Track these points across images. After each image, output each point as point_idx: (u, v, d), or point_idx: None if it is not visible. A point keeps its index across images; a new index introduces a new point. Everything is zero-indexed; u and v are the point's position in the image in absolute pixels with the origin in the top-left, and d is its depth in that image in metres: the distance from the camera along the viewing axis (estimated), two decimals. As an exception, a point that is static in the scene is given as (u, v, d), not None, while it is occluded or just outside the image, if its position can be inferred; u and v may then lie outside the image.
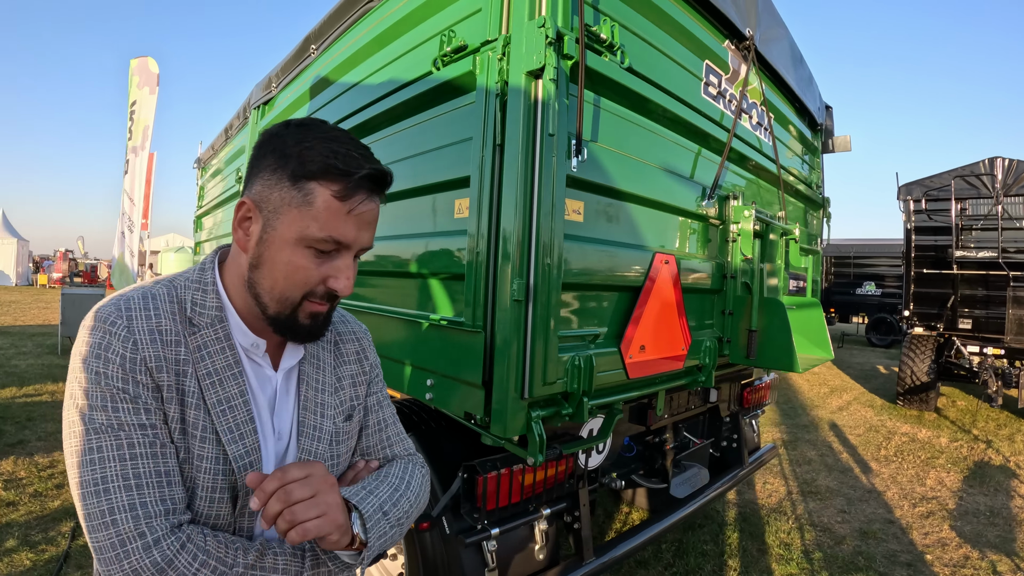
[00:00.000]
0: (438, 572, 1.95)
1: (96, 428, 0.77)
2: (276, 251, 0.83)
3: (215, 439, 0.84)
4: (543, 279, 1.56)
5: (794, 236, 2.91)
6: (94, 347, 0.79)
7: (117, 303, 0.82)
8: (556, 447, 1.81)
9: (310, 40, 3.14)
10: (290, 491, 0.78)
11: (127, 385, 0.79)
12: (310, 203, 0.81)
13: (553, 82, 1.55)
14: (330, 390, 1.00)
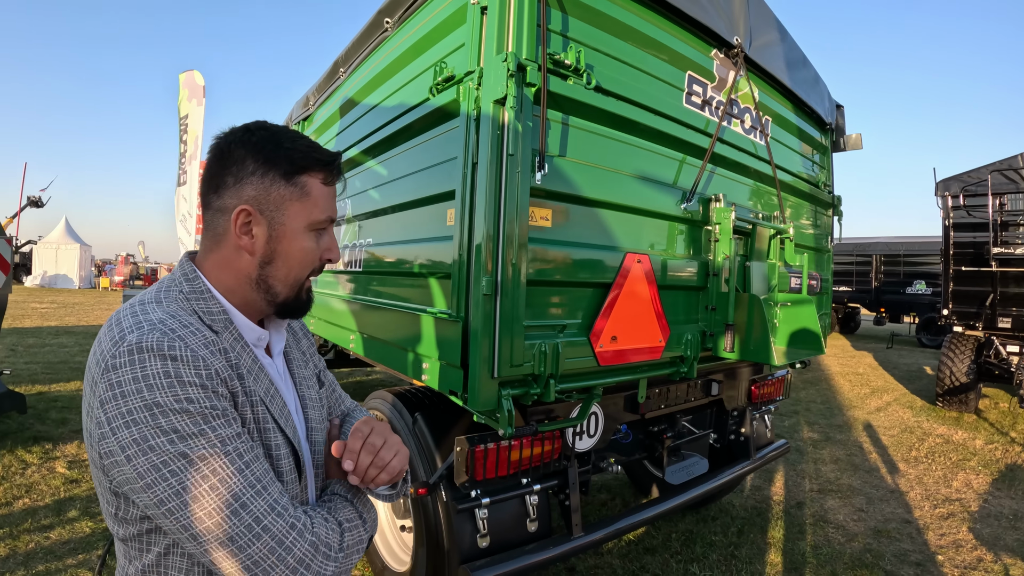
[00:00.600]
0: (439, 536, 2.23)
1: (202, 455, 0.77)
2: (289, 243, 0.93)
3: (277, 427, 0.92)
4: (509, 277, 1.82)
5: (788, 235, 3.05)
6: (156, 377, 0.78)
7: (156, 329, 0.82)
8: (532, 424, 2.07)
9: (339, 64, 3.56)
10: (373, 442, 0.95)
11: (214, 402, 0.81)
12: (308, 193, 0.93)
13: (513, 109, 1.81)
14: (304, 364, 1.12)
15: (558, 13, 2.10)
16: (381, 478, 0.95)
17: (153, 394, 0.77)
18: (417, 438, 2.37)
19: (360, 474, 0.94)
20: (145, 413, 0.76)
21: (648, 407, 2.58)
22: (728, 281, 2.65)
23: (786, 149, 3.50)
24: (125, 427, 0.76)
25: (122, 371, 0.78)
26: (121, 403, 0.77)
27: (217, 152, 0.94)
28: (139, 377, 0.77)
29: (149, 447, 0.76)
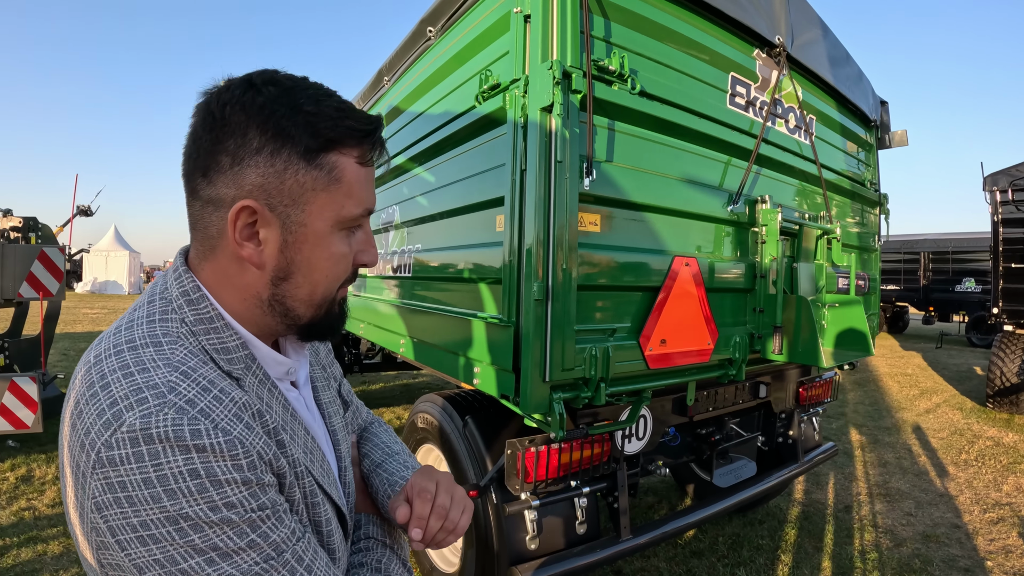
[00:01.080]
0: (488, 537, 2.26)
1: (255, 574, 0.59)
2: (312, 250, 0.69)
3: (324, 496, 0.74)
4: (560, 282, 1.85)
5: (835, 235, 3.01)
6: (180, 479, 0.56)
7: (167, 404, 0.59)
8: (583, 427, 2.09)
9: (383, 72, 3.65)
10: (443, 504, 0.82)
11: (261, 499, 0.61)
12: (339, 179, 0.68)
13: (560, 116, 1.84)
14: (327, 384, 0.93)
15: (600, 19, 2.12)
16: (449, 540, 0.83)
17: (178, 503, 0.56)
18: (467, 441, 2.41)
19: (428, 541, 0.82)
20: (169, 528, 0.56)
21: (696, 410, 2.57)
22: (776, 283, 2.63)
23: (831, 148, 3.44)
24: (140, 544, 0.56)
25: (124, 468, 0.56)
26: (130, 512, 0.56)
27: (207, 117, 0.66)
28: (152, 480, 0.56)
29: (181, 571, 0.56)
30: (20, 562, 3.08)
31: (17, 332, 5.58)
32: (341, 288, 0.75)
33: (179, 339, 0.66)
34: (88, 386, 0.62)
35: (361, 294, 4.14)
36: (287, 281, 0.70)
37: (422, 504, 0.81)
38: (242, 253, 0.67)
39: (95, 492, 0.57)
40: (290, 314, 0.72)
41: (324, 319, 0.74)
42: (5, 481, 4.15)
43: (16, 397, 4.39)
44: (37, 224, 5.15)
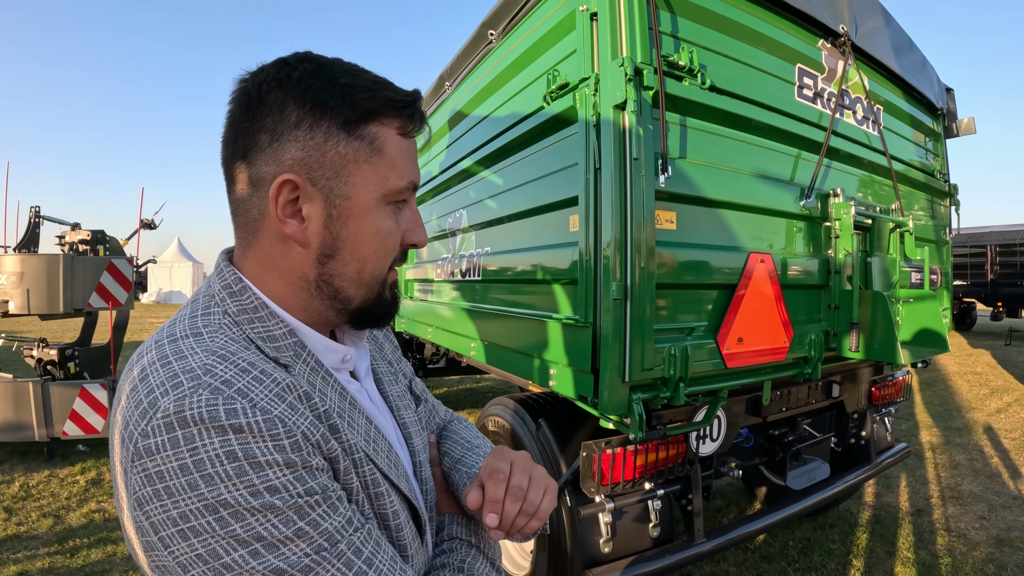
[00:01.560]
0: (560, 540, 2.24)
1: (306, 566, 0.54)
2: (358, 224, 0.66)
3: (391, 487, 0.69)
4: (638, 281, 1.82)
5: (908, 228, 2.90)
6: (218, 462, 0.53)
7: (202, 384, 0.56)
8: (660, 428, 2.05)
9: (444, 77, 3.69)
10: (519, 485, 0.74)
11: (308, 483, 0.56)
12: (380, 150, 0.66)
13: (634, 113, 1.82)
14: (394, 379, 0.88)
15: (667, 14, 2.09)
16: (531, 526, 0.75)
17: (216, 489, 0.52)
18: (541, 444, 2.39)
19: (506, 527, 0.73)
20: (209, 518, 0.52)
21: (770, 410, 2.50)
22: (851, 278, 2.55)
23: (899, 138, 3.33)
24: (182, 538, 0.52)
25: (161, 456, 0.53)
26: (169, 504, 0.52)
27: (243, 99, 0.65)
28: (188, 466, 0.52)
29: (224, 566, 0.52)
30: (90, 562, 3.20)
31: (87, 341, 5.81)
32: (390, 270, 0.72)
33: (221, 329, 0.64)
34: (130, 383, 0.60)
35: (428, 298, 4.16)
36: (334, 259, 0.67)
37: (494, 486, 0.73)
38: (285, 231, 0.65)
39: (135, 487, 0.54)
40: (339, 295, 0.69)
41: (375, 303, 0.71)
42: (76, 484, 4.32)
43: (86, 403, 4.58)
44: (105, 237, 5.37)
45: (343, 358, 0.73)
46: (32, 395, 4.56)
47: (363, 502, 0.64)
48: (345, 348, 0.74)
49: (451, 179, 3.54)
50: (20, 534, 3.51)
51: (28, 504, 3.94)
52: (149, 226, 6.06)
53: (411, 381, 0.97)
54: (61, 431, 4.62)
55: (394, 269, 0.73)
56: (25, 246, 5.29)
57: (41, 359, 5.18)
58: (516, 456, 0.79)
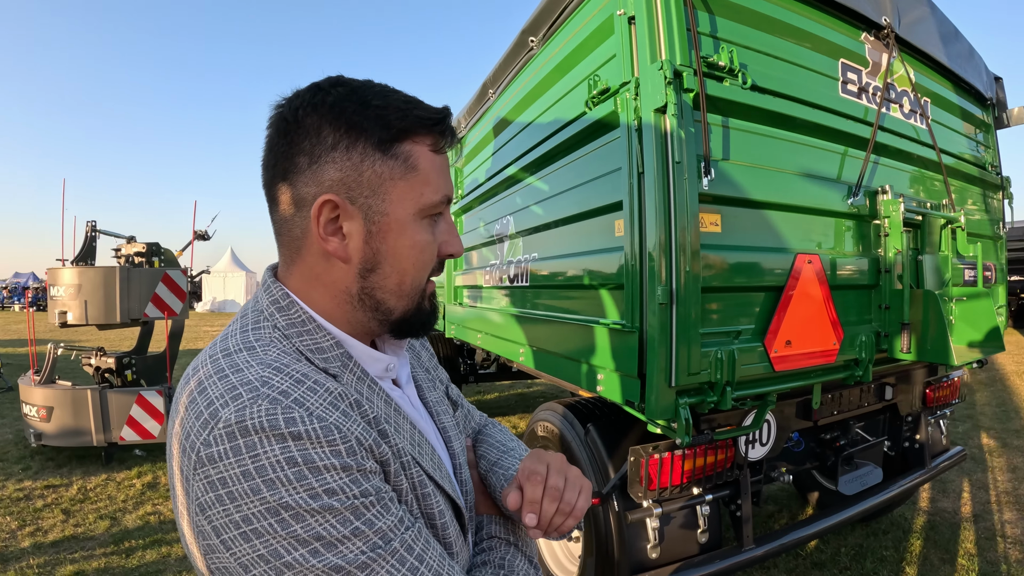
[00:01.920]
0: (608, 545, 2.24)
1: (363, 563, 0.57)
2: (396, 238, 0.69)
3: (436, 486, 0.72)
4: (683, 285, 1.81)
5: (960, 224, 2.81)
6: (278, 467, 0.56)
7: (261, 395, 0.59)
8: (708, 432, 2.03)
9: (487, 85, 3.72)
10: (556, 486, 0.77)
11: (363, 485, 0.60)
12: (415, 167, 0.69)
13: (675, 117, 1.81)
14: (432, 385, 0.92)
15: (705, 15, 2.07)
16: (567, 525, 0.78)
17: (277, 493, 0.55)
18: (589, 449, 2.39)
19: (544, 526, 0.77)
20: (271, 520, 0.55)
21: (821, 413, 2.45)
22: (901, 277, 2.48)
23: (948, 131, 3.22)
24: (244, 540, 0.56)
25: (223, 464, 0.56)
26: (231, 508, 0.56)
27: (280, 124, 0.69)
28: (251, 471, 0.56)
29: (285, 565, 0.55)
30: (145, 563, 3.32)
31: (143, 349, 6.02)
32: (428, 281, 0.75)
33: (272, 342, 0.67)
34: (188, 395, 0.63)
35: (478, 304, 4.20)
36: (375, 272, 0.70)
37: (533, 487, 0.77)
38: (328, 248, 0.68)
39: (198, 493, 0.58)
40: (381, 307, 0.72)
41: (415, 313, 0.74)
42: (132, 487, 4.48)
43: (143, 409, 4.76)
44: (159, 249, 5.55)
45: (387, 367, 0.76)
46: (90, 402, 4.75)
47: (412, 503, 0.67)
48: (388, 357, 0.77)
49: (498, 186, 3.56)
50: (77, 535, 3.66)
51: (85, 506, 4.11)
52: (202, 237, 6.25)
53: (447, 387, 1.00)
54: (118, 436, 4.81)
55: (432, 280, 0.76)
56: (82, 259, 5.50)
57: (99, 367, 5.38)
58: (552, 458, 0.82)
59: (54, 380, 5.17)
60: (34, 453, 5.23)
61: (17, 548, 3.47)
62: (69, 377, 5.46)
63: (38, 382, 5.06)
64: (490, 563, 0.79)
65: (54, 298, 5.10)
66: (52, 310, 5.12)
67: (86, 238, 5.53)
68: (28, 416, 4.99)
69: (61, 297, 5.03)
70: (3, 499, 4.22)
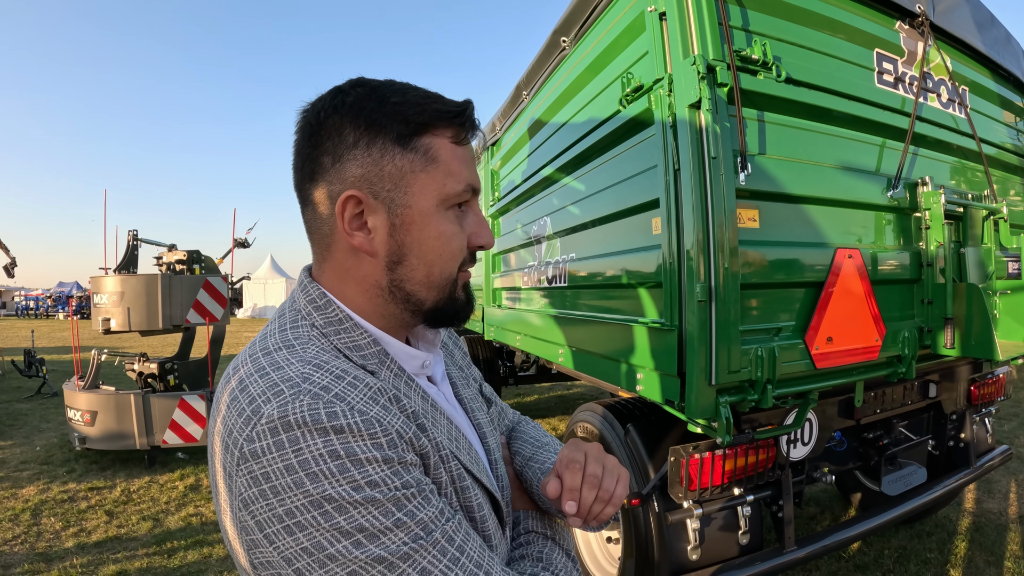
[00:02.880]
0: (648, 547, 2.22)
1: (405, 554, 0.58)
2: (421, 230, 0.70)
3: (473, 480, 0.72)
4: (722, 282, 1.79)
5: (1002, 215, 2.73)
6: (320, 461, 0.57)
7: (302, 391, 0.60)
8: (749, 431, 2.00)
9: (521, 87, 3.75)
10: (594, 473, 0.78)
11: (404, 477, 0.60)
12: (435, 159, 0.69)
13: (710, 112, 1.80)
14: (466, 383, 0.93)
15: (736, 8, 2.06)
16: (607, 512, 0.79)
17: (320, 485, 0.56)
18: (629, 449, 2.38)
19: (584, 514, 0.77)
20: (314, 513, 0.56)
21: (864, 412, 2.40)
22: (944, 271, 2.42)
23: (987, 119, 3.13)
24: (287, 533, 0.56)
25: (267, 459, 0.57)
26: (275, 502, 0.56)
27: (305, 127, 0.71)
28: (294, 465, 0.56)
29: (328, 557, 0.56)
30: (187, 563, 3.39)
31: (185, 355, 6.17)
32: (462, 272, 0.75)
33: (311, 340, 0.68)
34: (229, 393, 0.65)
35: (516, 306, 4.21)
36: (402, 264, 0.71)
37: (572, 475, 0.78)
38: (353, 243, 0.70)
39: (241, 488, 0.59)
40: (412, 299, 0.72)
41: (448, 303, 0.74)
42: (175, 489, 4.59)
43: (185, 413, 4.87)
44: (200, 256, 5.69)
45: (422, 363, 0.78)
46: (133, 406, 4.88)
47: (451, 495, 0.68)
48: (423, 354, 0.78)
49: (534, 187, 3.57)
50: (120, 535, 3.76)
51: (128, 508, 4.22)
52: (242, 244, 6.38)
53: (481, 385, 1.01)
54: (161, 440, 4.92)
55: (466, 271, 0.76)
56: (125, 267, 5.65)
57: (142, 372, 5.51)
58: (590, 447, 0.83)
59: (98, 385, 5.32)
60: (78, 456, 5.38)
61: (61, 548, 3.57)
62: (113, 382, 5.60)
63: (82, 387, 5.20)
64: (528, 556, 0.79)
65: (98, 305, 5.24)
66: (96, 317, 5.25)
67: (128, 247, 5.68)
68: (72, 420, 5.14)
69: (105, 304, 5.17)
70: (48, 501, 4.36)
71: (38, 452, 5.64)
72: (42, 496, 4.45)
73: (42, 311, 37.86)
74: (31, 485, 4.70)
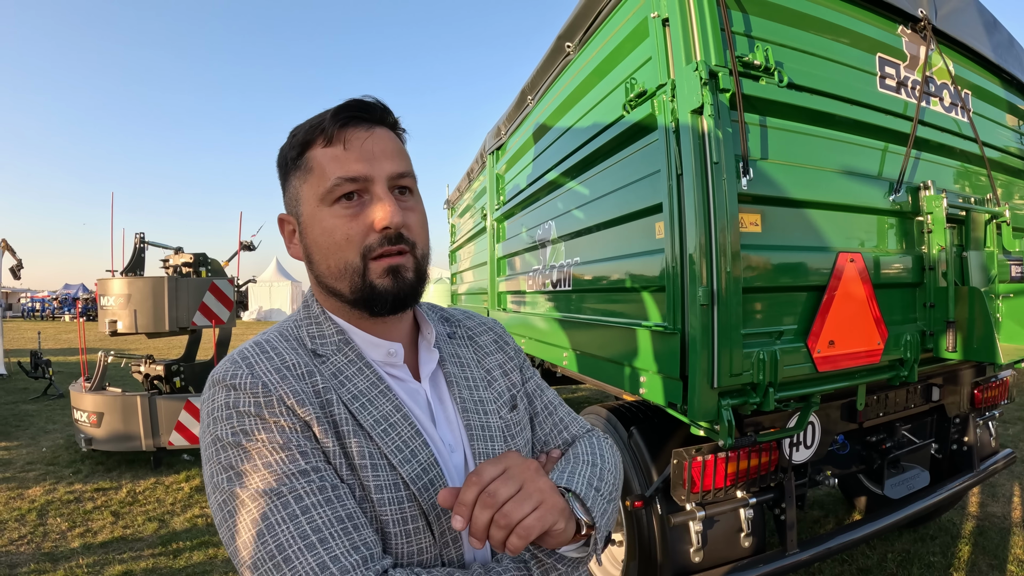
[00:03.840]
0: (651, 549, 2.23)
1: (252, 495, 0.68)
2: (311, 229, 0.81)
3: (386, 464, 0.75)
4: (724, 286, 1.81)
5: (1005, 218, 2.74)
6: (219, 410, 0.73)
7: (230, 358, 0.78)
8: (751, 434, 2.02)
9: (526, 92, 3.76)
10: (494, 492, 0.66)
11: (271, 433, 0.71)
12: (311, 168, 0.80)
13: (712, 117, 1.82)
14: (483, 385, 0.94)
15: (739, 14, 2.07)
16: (511, 542, 0.65)
17: (216, 427, 0.72)
18: (632, 452, 2.39)
19: (479, 536, 0.66)
20: (212, 449, 0.72)
21: (866, 415, 2.41)
22: (946, 274, 2.43)
23: (991, 123, 3.15)
24: (204, 460, 0.74)
25: (204, 405, 0.76)
26: (202, 438, 0.75)
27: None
28: (210, 411, 0.74)
29: (214, 484, 0.71)
30: (192, 564, 3.40)
31: (191, 357, 6.17)
32: (378, 259, 0.78)
33: (281, 329, 0.85)
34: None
35: (521, 310, 4.23)
36: (312, 262, 0.83)
37: (466, 489, 0.67)
38: (290, 253, 0.88)
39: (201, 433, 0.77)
40: (332, 290, 0.83)
41: (365, 289, 0.79)
42: (181, 491, 4.61)
43: (191, 415, 4.89)
44: (207, 259, 5.72)
45: (387, 351, 0.85)
46: (140, 408, 4.91)
47: (342, 467, 0.74)
48: (389, 343, 0.85)
49: (539, 191, 3.59)
50: (126, 536, 3.78)
51: (134, 509, 4.24)
52: (248, 248, 6.40)
53: (521, 392, 0.99)
54: (167, 441, 4.94)
55: (389, 257, 0.79)
56: (132, 270, 5.68)
57: (148, 374, 5.53)
58: (516, 462, 0.70)
59: (104, 387, 5.35)
60: (84, 457, 5.42)
61: (67, 548, 3.60)
62: (119, 384, 5.63)
63: (89, 389, 5.23)
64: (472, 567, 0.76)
65: (104, 308, 5.27)
66: (102, 319, 5.28)
67: (135, 249, 5.71)
68: (79, 421, 5.17)
69: (111, 307, 5.19)
70: (54, 501, 4.38)
71: (44, 453, 5.67)
72: (48, 496, 4.48)
73: (48, 313, 38.04)
74: (37, 485, 4.73)
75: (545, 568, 0.74)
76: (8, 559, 3.45)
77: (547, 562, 0.74)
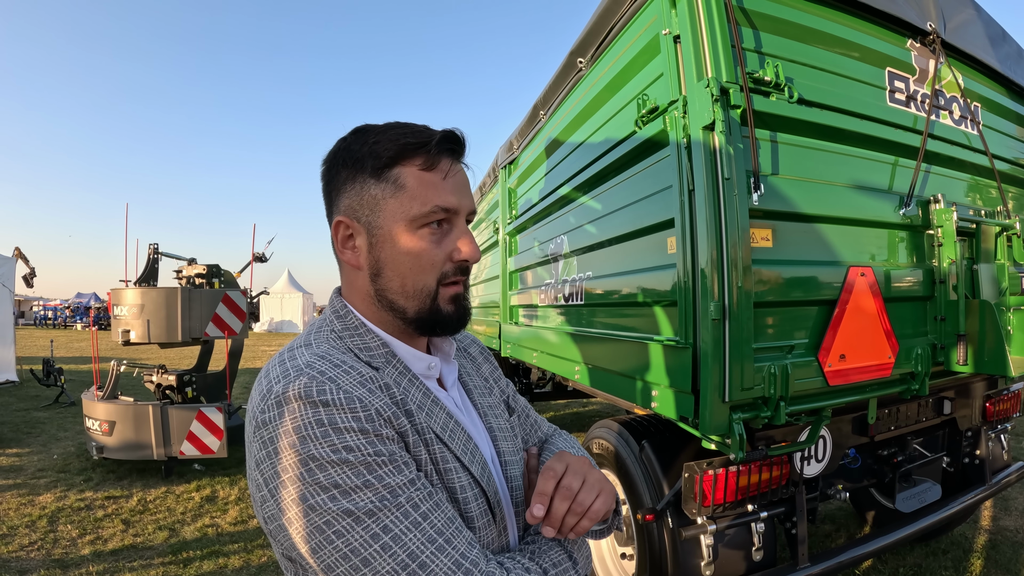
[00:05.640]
0: (662, 563, 2.24)
1: (369, 511, 0.68)
2: (392, 246, 0.81)
3: (460, 466, 0.81)
4: (736, 300, 1.82)
5: (1015, 231, 2.73)
6: (308, 428, 0.69)
7: (303, 374, 0.74)
8: (762, 448, 2.02)
9: (538, 107, 3.80)
10: (569, 484, 0.80)
11: (378, 447, 0.71)
12: (403, 186, 0.80)
13: (723, 133, 1.84)
14: (486, 392, 1.01)
15: (749, 30, 2.10)
16: (582, 525, 0.80)
17: (307, 447, 0.69)
18: (644, 465, 2.40)
19: (555, 523, 0.79)
20: (301, 469, 0.68)
21: (878, 429, 2.41)
22: (956, 288, 2.43)
23: (1001, 136, 3.15)
24: (282, 487, 0.69)
25: (272, 426, 0.71)
26: (276, 461, 0.70)
27: (322, 174, 0.88)
28: (290, 430, 0.70)
29: (310, 507, 0.68)
30: (202, 573, 3.42)
31: (203, 367, 6.21)
32: (446, 285, 0.84)
33: (327, 340, 0.83)
34: (257, 380, 0.79)
35: (533, 323, 4.24)
36: (381, 276, 0.83)
37: (544, 481, 0.81)
38: (344, 258, 0.86)
39: (255, 452, 0.73)
40: (395, 306, 0.84)
41: (431, 313, 0.84)
42: (191, 500, 4.64)
43: (203, 425, 4.92)
44: (219, 271, 5.77)
45: (428, 365, 0.88)
46: (151, 417, 4.94)
47: (432, 473, 0.77)
48: (430, 357, 0.88)
49: (551, 206, 3.61)
50: (136, 544, 3.80)
51: (145, 517, 4.27)
52: (261, 259, 6.45)
53: (509, 397, 1.09)
54: (178, 451, 4.96)
55: (455, 284, 0.85)
56: (145, 280, 5.73)
57: (160, 384, 5.58)
58: (573, 460, 0.86)
59: (116, 396, 5.38)
60: (95, 465, 5.46)
61: (77, 555, 3.62)
62: (131, 393, 5.66)
63: (101, 397, 5.27)
64: (524, 550, 0.84)
65: (118, 317, 5.32)
66: (115, 328, 5.33)
67: (148, 260, 5.76)
68: (90, 430, 5.21)
69: (124, 316, 5.24)
70: (65, 508, 4.42)
71: (55, 460, 5.72)
72: (59, 504, 4.52)
73: (60, 321, 38.35)
74: (48, 492, 4.77)
75: (578, 543, 0.86)
76: (19, 565, 3.48)
77: (578, 540, 0.86)
